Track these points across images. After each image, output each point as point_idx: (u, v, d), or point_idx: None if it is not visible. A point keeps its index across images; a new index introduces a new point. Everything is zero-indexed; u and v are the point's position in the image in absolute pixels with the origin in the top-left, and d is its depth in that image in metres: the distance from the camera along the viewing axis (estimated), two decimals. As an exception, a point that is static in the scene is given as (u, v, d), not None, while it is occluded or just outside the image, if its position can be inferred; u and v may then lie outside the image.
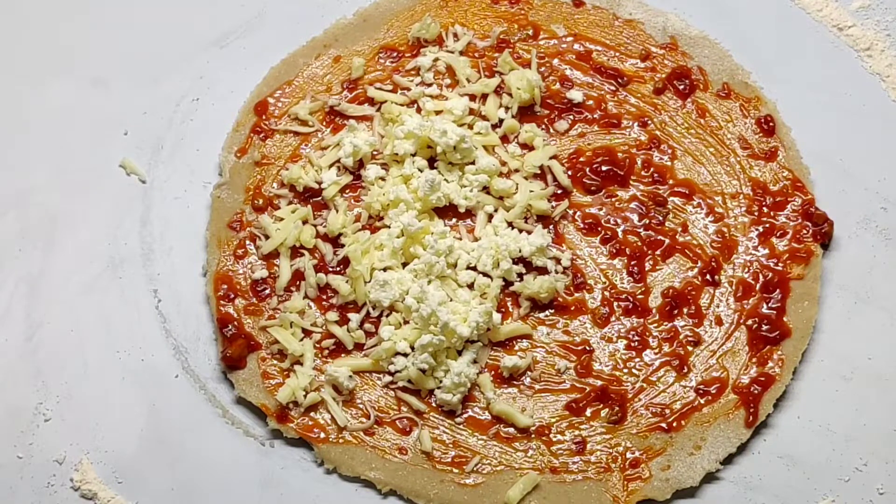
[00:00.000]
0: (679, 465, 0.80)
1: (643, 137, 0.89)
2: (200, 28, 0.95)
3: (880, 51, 0.93)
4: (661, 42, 0.93)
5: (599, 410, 0.81)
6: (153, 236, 0.88)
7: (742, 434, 0.80)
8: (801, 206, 0.86)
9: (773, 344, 0.83)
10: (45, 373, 0.83)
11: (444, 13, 0.94)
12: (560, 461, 0.80)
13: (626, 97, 0.91)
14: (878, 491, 0.80)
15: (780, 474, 0.80)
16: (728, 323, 0.84)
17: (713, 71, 0.91)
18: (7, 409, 0.82)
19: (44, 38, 0.95)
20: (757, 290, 0.84)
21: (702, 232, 0.86)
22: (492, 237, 0.85)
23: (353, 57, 0.92)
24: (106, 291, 0.87)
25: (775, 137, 0.89)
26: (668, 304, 0.84)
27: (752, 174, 0.88)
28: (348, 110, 0.91)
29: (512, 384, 0.82)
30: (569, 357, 0.83)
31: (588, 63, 0.92)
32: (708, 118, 0.90)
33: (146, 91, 0.93)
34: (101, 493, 0.79)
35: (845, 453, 0.81)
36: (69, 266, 0.87)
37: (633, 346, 0.83)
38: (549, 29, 0.93)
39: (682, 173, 0.88)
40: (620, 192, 0.88)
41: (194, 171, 0.90)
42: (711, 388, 0.82)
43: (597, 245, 0.86)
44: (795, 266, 0.85)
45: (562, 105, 0.90)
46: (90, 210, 0.89)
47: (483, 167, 0.87)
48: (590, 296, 0.85)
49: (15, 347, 0.84)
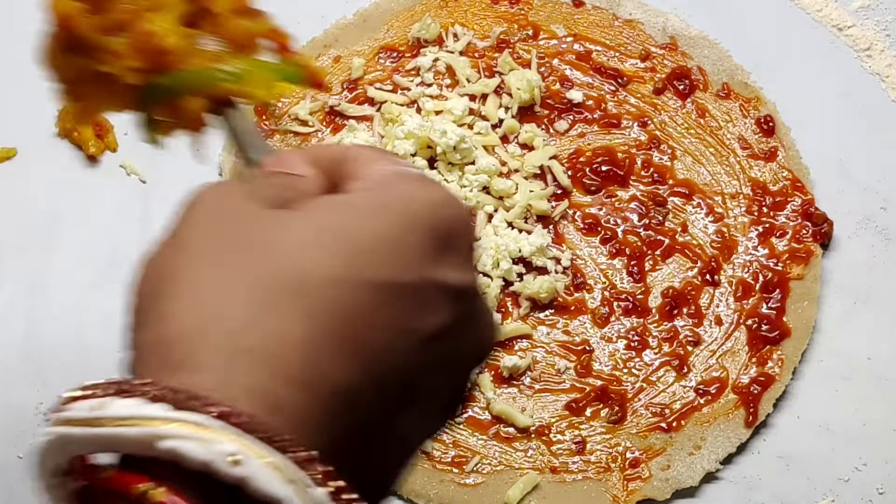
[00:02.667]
0: (679, 464, 0.80)
1: (643, 137, 0.89)
2: (200, 28, 0.95)
3: (880, 51, 0.93)
4: (661, 42, 0.93)
5: (599, 410, 0.81)
6: (153, 236, 0.88)
7: (742, 434, 0.80)
8: (800, 207, 0.86)
9: (772, 344, 0.83)
10: (45, 373, 0.83)
11: (444, 13, 0.94)
12: (560, 461, 0.80)
13: (626, 97, 0.91)
14: (878, 491, 0.80)
15: (779, 474, 0.80)
16: (728, 323, 0.84)
17: (713, 71, 0.91)
18: (7, 409, 0.82)
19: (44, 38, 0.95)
20: (757, 290, 0.84)
21: (701, 232, 0.86)
22: (491, 237, 0.85)
23: (353, 57, 0.92)
24: (106, 291, 0.86)
25: (775, 137, 0.89)
26: (667, 304, 0.84)
27: (752, 174, 0.88)
28: (348, 110, 0.91)
29: (512, 384, 0.82)
30: (569, 357, 0.83)
31: (588, 63, 0.92)
32: (708, 118, 0.90)
33: (146, 91, 0.92)
34: (101, 493, 0.79)
35: (845, 453, 0.81)
36: (69, 266, 0.87)
37: (632, 346, 0.83)
38: (549, 29, 0.93)
39: (682, 173, 0.88)
40: (620, 192, 0.88)
41: (194, 171, 0.90)
42: (711, 388, 0.82)
43: (597, 245, 0.86)
44: (795, 266, 0.85)
45: (562, 105, 0.90)
46: (90, 210, 0.89)
47: (483, 167, 0.87)
48: (590, 296, 0.85)
49: (15, 347, 0.84)
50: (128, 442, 0.33)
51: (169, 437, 0.32)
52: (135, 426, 0.33)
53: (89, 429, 0.34)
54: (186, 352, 0.36)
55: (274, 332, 0.36)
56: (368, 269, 0.37)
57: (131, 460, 0.34)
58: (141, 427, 0.33)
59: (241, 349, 0.35)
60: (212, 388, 0.34)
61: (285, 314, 0.36)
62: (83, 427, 0.34)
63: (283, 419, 0.34)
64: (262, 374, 0.35)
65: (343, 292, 0.37)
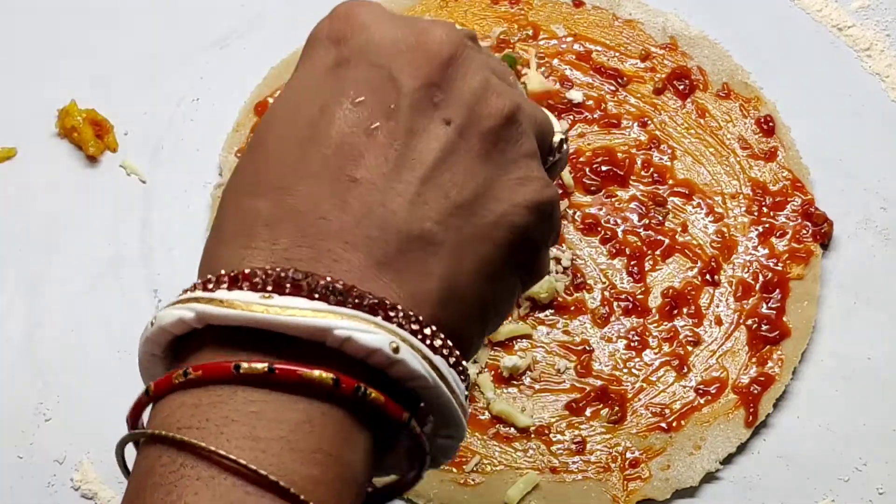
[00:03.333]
0: (679, 464, 0.80)
1: (643, 137, 0.89)
2: (200, 28, 0.95)
3: (880, 51, 0.93)
4: (661, 42, 0.93)
5: (599, 410, 0.81)
6: (153, 236, 0.88)
7: (742, 434, 0.80)
8: (800, 206, 0.86)
9: (772, 344, 0.83)
10: (45, 373, 0.83)
11: (444, 13, 0.94)
12: (560, 461, 0.80)
13: (626, 97, 0.91)
14: (878, 491, 0.80)
15: (779, 474, 0.80)
16: (728, 323, 0.84)
17: (713, 71, 0.91)
18: (7, 409, 0.82)
19: (43, 37, 0.95)
20: (757, 290, 0.84)
21: (701, 232, 0.86)
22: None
23: (353, 57, 0.92)
24: (106, 291, 0.86)
25: (775, 137, 0.89)
26: (667, 304, 0.84)
27: (752, 174, 0.88)
28: (348, 110, 0.91)
29: (512, 384, 0.82)
30: (569, 357, 0.83)
31: (588, 63, 0.92)
32: (708, 118, 0.90)
33: (146, 91, 0.92)
34: (101, 493, 0.79)
35: (845, 453, 0.80)
36: (69, 266, 0.87)
37: (632, 346, 0.83)
38: (549, 29, 0.93)
39: (682, 173, 0.88)
40: (620, 192, 0.88)
41: (194, 171, 0.90)
42: (711, 388, 0.82)
43: (596, 245, 0.86)
44: (795, 266, 0.85)
45: (562, 105, 0.90)
46: (90, 210, 0.89)
47: (483, 167, 0.87)
48: (590, 296, 0.85)
49: (15, 347, 0.84)
50: (306, 329, 0.39)
51: (342, 328, 0.39)
52: (310, 318, 0.39)
53: (266, 315, 0.39)
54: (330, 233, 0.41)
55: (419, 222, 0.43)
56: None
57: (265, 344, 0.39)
58: (318, 319, 0.39)
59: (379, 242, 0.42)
60: (358, 280, 0.41)
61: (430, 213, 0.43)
62: (248, 312, 0.39)
63: (414, 305, 0.41)
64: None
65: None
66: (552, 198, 0.47)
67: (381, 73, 0.43)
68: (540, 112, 0.51)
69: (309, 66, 0.46)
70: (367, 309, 0.39)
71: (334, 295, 0.39)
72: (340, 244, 0.41)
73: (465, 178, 0.43)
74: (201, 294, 0.40)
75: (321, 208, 0.41)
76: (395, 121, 0.43)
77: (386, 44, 0.44)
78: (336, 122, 0.43)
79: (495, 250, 0.44)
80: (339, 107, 0.43)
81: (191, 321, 0.40)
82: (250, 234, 0.41)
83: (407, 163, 0.42)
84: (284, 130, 0.44)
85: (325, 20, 0.48)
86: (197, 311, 0.40)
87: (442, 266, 0.42)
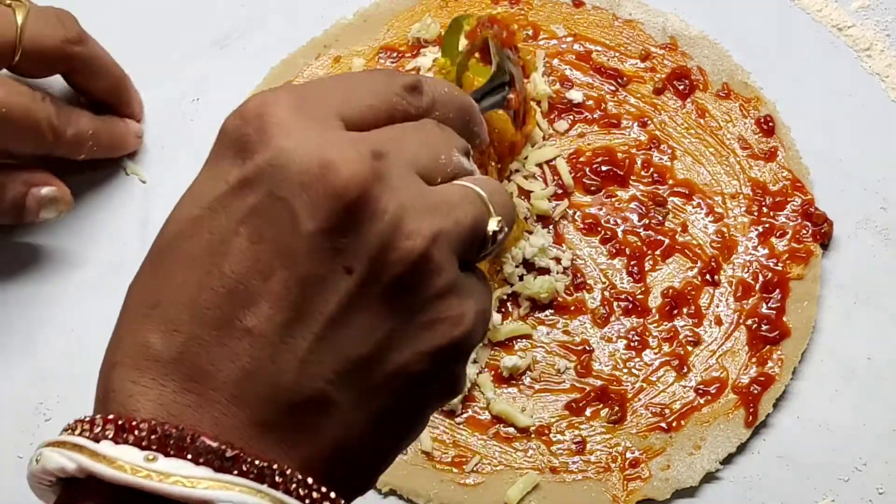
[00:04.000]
0: (679, 464, 0.80)
1: (643, 137, 0.89)
2: (200, 28, 0.95)
3: (880, 51, 0.93)
4: (661, 42, 0.93)
5: (599, 410, 0.81)
6: (153, 236, 0.88)
7: (742, 434, 0.80)
8: (800, 206, 0.86)
9: (772, 344, 0.83)
10: (45, 373, 0.83)
11: (444, 13, 0.94)
12: (560, 461, 0.80)
13: (626, 97, 0.91)
14: (878, 491, 0.80)
15: (779, 474, 0.80)
16: (728, 323, 0.84)
17: (713, 71, 0.91)
18: (7, 409, 0.82)
19: (44, 38, 0.95)
20: (756, 290, 0.84)
21: (701, 232, 0.86)
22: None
23: (353, 57, 0.92)
24: (106, 291, 0.86)
25: (775, 137, 0.89)
26: (667, 304, 0.84)
27: (752, 174, 0.88)
28: (348, 110, 0.91)
29: (512, 384, 0.82)
30: (569, 357, 0.83)
31: (588, 63, 0.92)
32: (708, 118, 0.90)
33: (146, 91, 0.92)
34: (101, 493, 0.79)
35: (845, 453, 0.81)
36: (69, 266, 0.87)
37: (632, 346, 0.83)
38: (548, 29, 0.93)
39: (682, 173, 0.88)
40: (620, 192, 0.88)
41: (194, 172, 0.89)
42: (711, 388, 0.82)
43: (596, 245, 0.86)
44: (795, 266, 0.85)
45: (562, 105, 0.90)
46: (90, 210, 0.89)
47: (483, 167, 0.87)
48: (590, 296, 0.85)
49: (15, 347, 0.84)
50: (189, 498, 0.38)
51: (225, 499, 0.38)
52: (187, 486, 0.38)
53: (148, 482, 0.38)
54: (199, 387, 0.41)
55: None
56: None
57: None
58: (199, 490, 0.38)
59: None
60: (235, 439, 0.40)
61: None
62: (131, 475, 0.39)
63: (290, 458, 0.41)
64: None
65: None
66: (464, 333, 0.44)
67: (282, 207, 0.41)
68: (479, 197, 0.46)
69: (213, 175, 0.45)
70: (252, 476, 0.38)
71: (220, 460, 0.38)
72: (227, 396, 0.40)
73: (364, 332, 0.41)
74: (86, 443, 0.40)
75: (210, 355, 0.40)
76: (291, 268, 0.40)
77: (291, 171, 0.41)
78: (232, 258, 0.41)
79: (395, 401, 0.43)
80: (237, 238, 0.42)
81: (74, 472, 0.40)
82: (140, 368, 0.42)
83: (302, 316, 0.40)
84: (184, 251, 0.44)
85: (236, 115, 0.45)
86: (80, 464, 0.40)
87: (335, 427, 0.41)
